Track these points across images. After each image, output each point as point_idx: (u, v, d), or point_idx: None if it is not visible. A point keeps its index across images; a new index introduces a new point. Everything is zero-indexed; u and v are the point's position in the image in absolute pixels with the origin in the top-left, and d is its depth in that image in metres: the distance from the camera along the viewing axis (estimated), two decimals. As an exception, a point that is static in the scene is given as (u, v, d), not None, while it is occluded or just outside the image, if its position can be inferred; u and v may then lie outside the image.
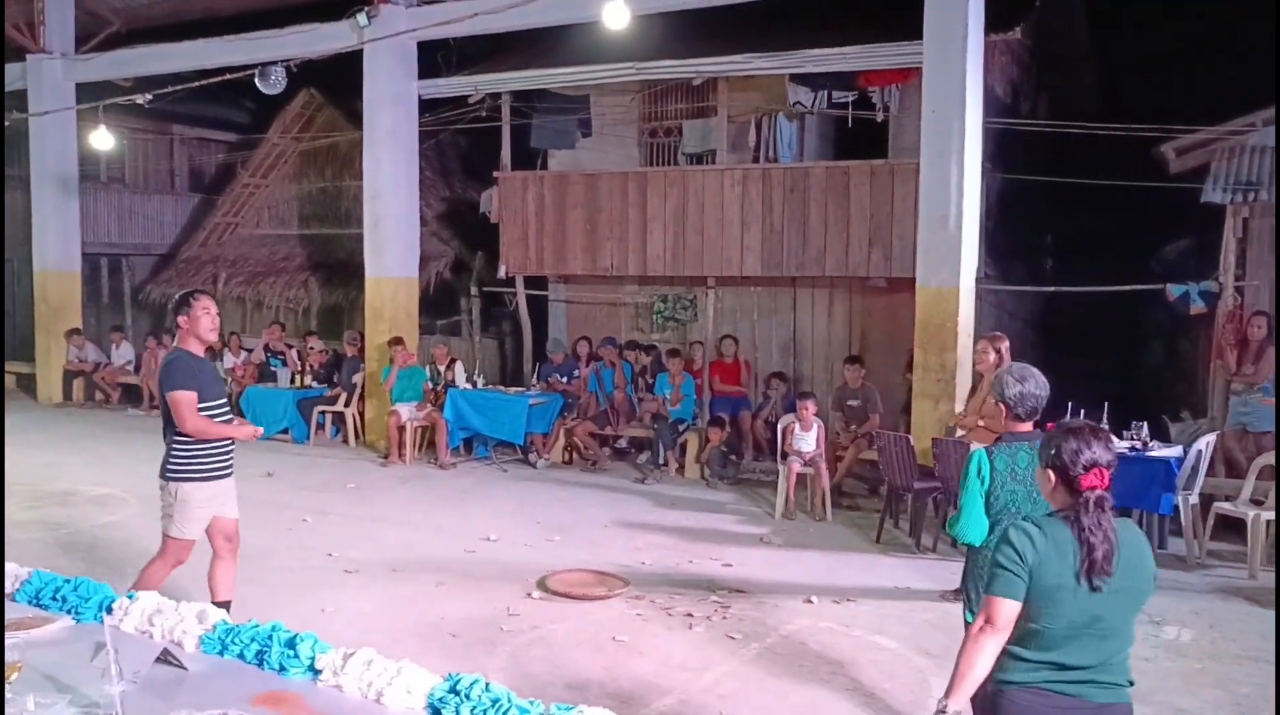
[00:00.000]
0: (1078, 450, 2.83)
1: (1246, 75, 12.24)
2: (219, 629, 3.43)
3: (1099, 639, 2.80)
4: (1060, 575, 2.75)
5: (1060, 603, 2.76)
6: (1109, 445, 2.87)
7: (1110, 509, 2.81)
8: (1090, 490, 2.80)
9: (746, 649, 5.83)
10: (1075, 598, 2.75)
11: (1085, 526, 2.75)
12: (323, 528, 8.55)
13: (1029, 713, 2.84)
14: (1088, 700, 2.82)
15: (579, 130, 13.34)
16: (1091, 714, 2.83)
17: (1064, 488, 2.86)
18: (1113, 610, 2.79)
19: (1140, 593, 2.86)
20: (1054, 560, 2.76)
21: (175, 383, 5.18)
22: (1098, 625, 2.78)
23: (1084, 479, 2.81)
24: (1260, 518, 7.52)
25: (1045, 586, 2.76)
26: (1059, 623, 2.77)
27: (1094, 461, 2.81)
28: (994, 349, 6.55)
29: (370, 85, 12.38)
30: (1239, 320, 9.64)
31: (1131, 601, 2.84)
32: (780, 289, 12.64)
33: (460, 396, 11.45)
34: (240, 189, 17.74)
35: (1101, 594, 2.75)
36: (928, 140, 9.43)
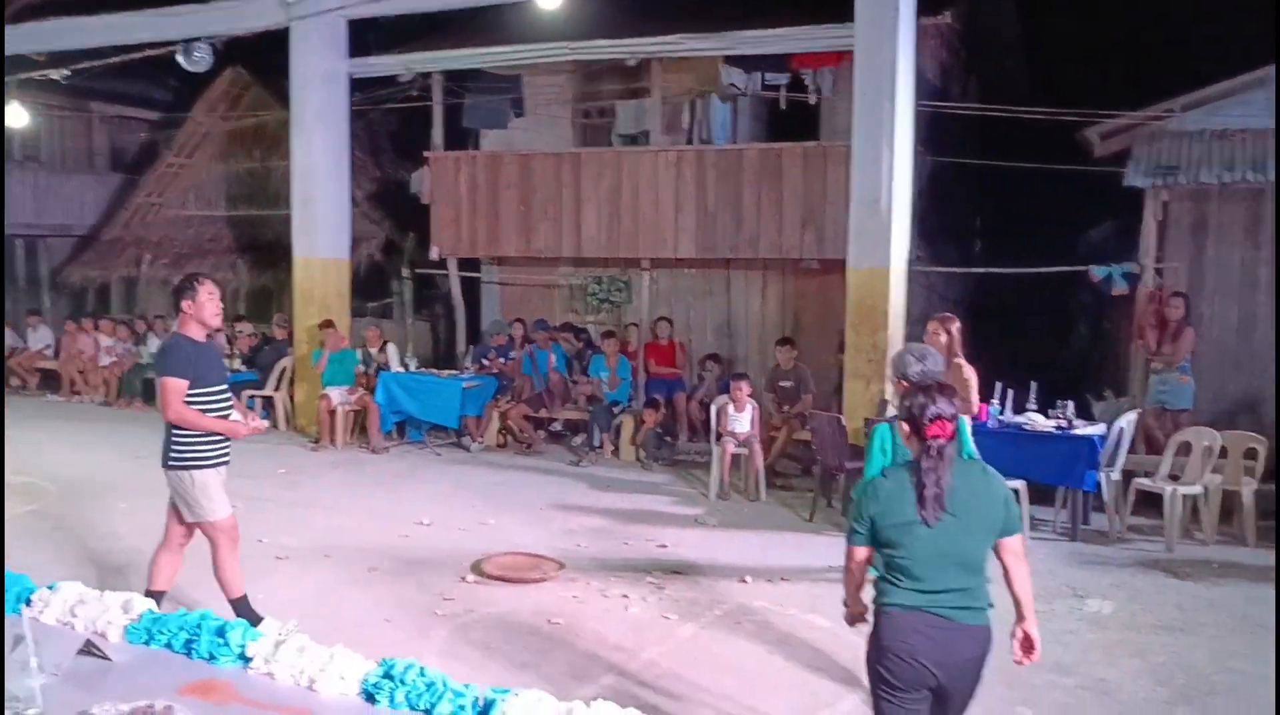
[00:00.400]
0: (925, 405, 3.28)
1: (1167, 61, 12.53)
2: (145, 618, 3.36)
3: (954, 567, 3.23)
4: (904, 515, 3.22)
5: (912, 537, 3.22)
6: (952, 401, 3.32)
7: (949, 455, 3.24)
8: (934, 438, 3.24)
9: (682, 629, 5.86)
10: (920, 532, 3.20)
11: (922, 472, 3.21)
12: (253, 514, 8.36)
13: (904, 630, 3.26)
14: (954, 621, 3.24)
15: (512, 110, 13.21)
16: (957, 633, 3.25)
17: (915, 437, 3.30)
18: (960, 542, 3.22)
19: (986, 526, 3.26)
20: (897, 504, 3.24)
21: (167, 368, 5.11)
22: (949, 555, 3.22)
23: (929, 429, 3.25)
24: (1177, 493, 7.75)
25: (895, 525, 3.24)
26: (914, 554, 3.22)
27: (938, 414, 3.25)
28: (945, 330, 6.62)
29: (298, 64, 12.13)
30: (1159, 301, 9.91)
31: (979, 534, 3.25)
32: (714, 271, 12.68)
33: (392, 380, 11.32)
34: (164, 169, 17.27)
35: (943, 527, 3.18)
36: (859, 123, 9.51)
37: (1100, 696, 5.03)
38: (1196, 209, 10.15)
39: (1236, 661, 5.51)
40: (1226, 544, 7.87)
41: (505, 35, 12.39)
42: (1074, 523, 8.00)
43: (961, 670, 3.28)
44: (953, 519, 3.19)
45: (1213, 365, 10.01)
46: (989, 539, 3.28)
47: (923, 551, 3.22)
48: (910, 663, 3.24)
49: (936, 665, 3.23)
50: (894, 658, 3.27)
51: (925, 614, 3.24)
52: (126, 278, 16.95)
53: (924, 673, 3.24)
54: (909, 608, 3.25)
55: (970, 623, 3.26)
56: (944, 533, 3.19)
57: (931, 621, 3.23)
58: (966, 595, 3.25)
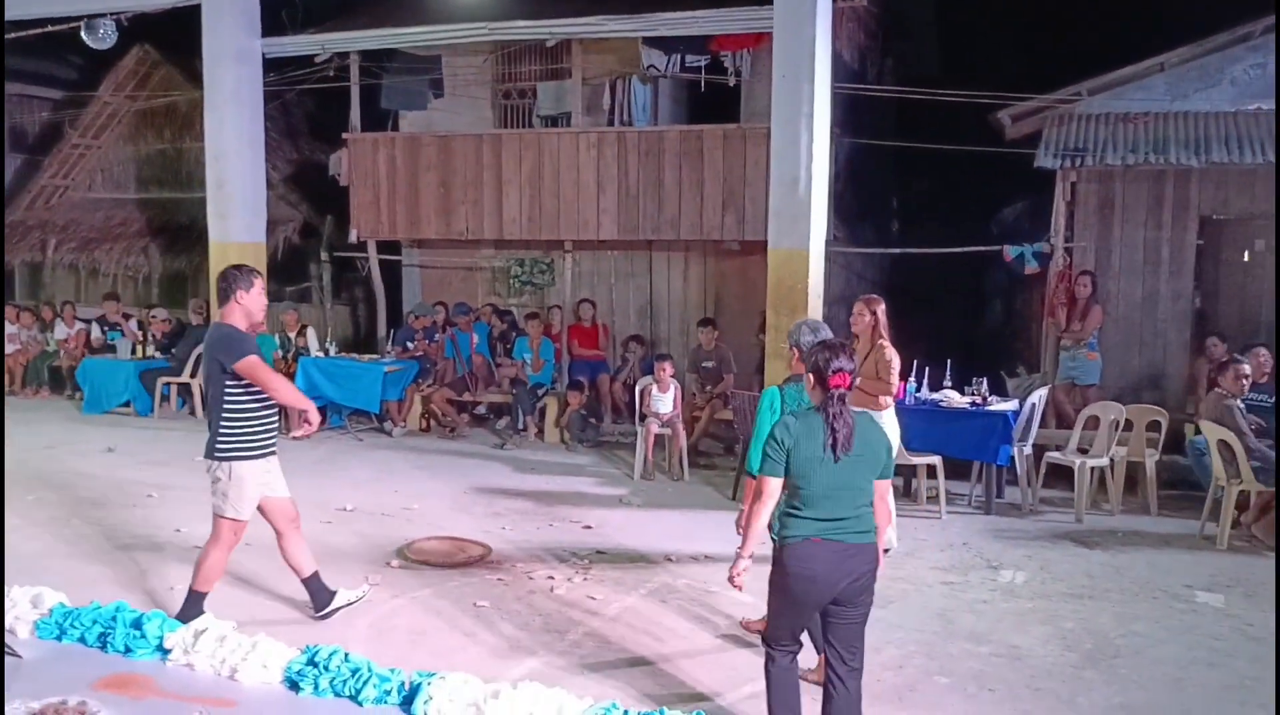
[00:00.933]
0: (829, 359, 3.83)
1: (1074, 46, 12.85)
2: (55, 613, 3.30)
3: (848, 496, 3.82)
4: (813, 451, 3.77)
5: (815, 471, 3.78)
6: (851, 357, 3.88)
7: (849, 402, 3.83)
8: (836, 388, 3.79)
9: (608, 609, 5.91)
10: (825, 467, 3.77)
11: (831, 415, 3.76)
12: (169, 503, 8.23)
13: (805, 555, 3.81)
14: (846, 542, 3.81)
15: (431, 91, 13.06)
16: (850, 553, 3.82)
17: (819, 387, 3.84)
18: (854, 475, 3.82)
19: (874, 461, 3.87)
20: (806, 441, 3.78)
21: (244, 351, 5.12)
22: (846, 486, 3.81)
23: (833, 380, 3.79)
24: (1085, 465, 8.02)
25: (803, 460, 3.77)
26: (817, 486, 3.79)
27: (840, 368, 3.80)
28: (870, 311, 6.77)
29: (210, 42, 11.80)
30: (1068, 279, 10.20)
31: (868, 467, 3.86)
32: (637, 252, 12.71)
33: (312, 365, 11.16)
34: (69, 150, 16.70)
35: (844, 463, 3.77)
36: (778, 105, 9.58)
37: (1013, 662, 5.21)
38: (1103, 190, 10.46)
39: (1139, 625, 5.75)
40: (1131, 513, 8.18)
41: (424, 15, 12.23)
42: (988, 496, 8.23)
43: (856, 582, 3.84)
44: (851, 457, 3.77)
45: (1118, 342, 10.36)
46: (874, 476, 3.89)
47: (826, 483, 3.78)
48: (815, 584, 3.80)
49: (837, 582, 3.80)
50: (802, 581, 3.81)
51: (825, 540, 3.78)
52: (30, 263, 16.40)
53: (826, 590, 3.82)
54: (810, 537, 3.80)
55: (861, 542, 3.84)
56: (845, 467, 3.78)
57: (831, 546, 3.79)
58: (858, 521, 3.84)
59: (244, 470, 5.28)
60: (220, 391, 5.22)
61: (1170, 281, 10.34)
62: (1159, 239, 10.34)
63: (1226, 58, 10.51)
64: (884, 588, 6.30)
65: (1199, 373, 9.63)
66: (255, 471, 5.32)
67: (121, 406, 12.24)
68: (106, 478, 9.08)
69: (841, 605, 3.87)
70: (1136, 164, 10.08)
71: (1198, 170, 10.01)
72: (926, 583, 6.47)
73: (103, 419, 11.96)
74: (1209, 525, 7.51)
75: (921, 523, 7.87)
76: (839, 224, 11.51)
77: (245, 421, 5.26)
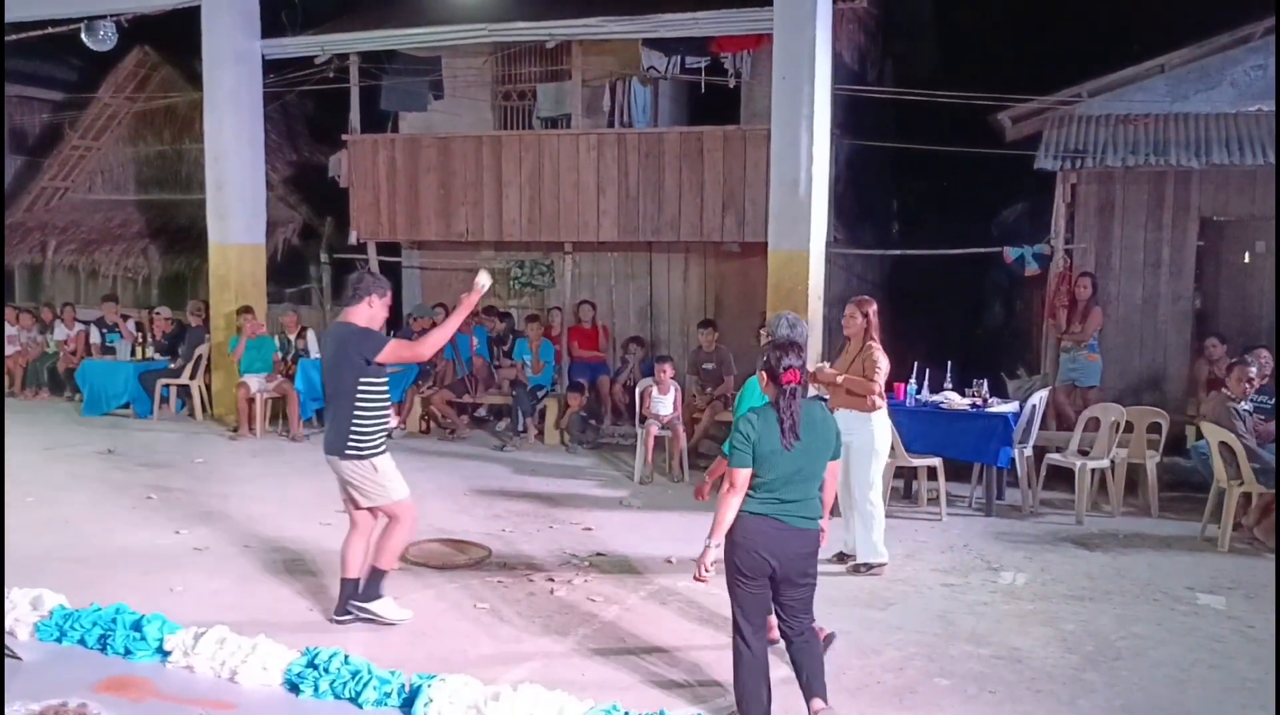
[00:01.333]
0: (780, 357, 4.23)
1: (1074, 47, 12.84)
2: (55, 615, 3.30)
3: (801, 482, 4.27)
4: (772, 443, 4.20)
5: (773, 460, 4.21)
6: (801, 355, 4.29)
7: (799, 396, 4.23)
8: (788, 383, 4.20)
9: (608, 611, 5.90)
10: (782, 456, 4.20)
11: (782, 408, 4.20)
12: (169, 505, 8.23)
13: (758, 530, 4.25)
14: (793, 526, 4.27)
15: (431, 93, 13.06)
16: (790, 534, 4.27)
17: (773, 383, 4.26)
18: (807, 462, 4.27)
19: (825, 449, 4.34)
20: (766, 434, 4.21)
21: (381, 340, 5.39)
22: (800, 473, 4.26)
23: (784, 376, 4.20)
24: (1086, 467, 8.01)
25: (764, 451, 4.21)
26: (774, 473, 4.23)
27: (790, 365, 4.21)
28: (861, 313, 6.74)
29: (210, 44, 11.83)
30: (1068, 281, 10.20)
31: (820, 455, 4.32)
32: (637, 254, 12.71)
33: (312, 366, 11.15)
34: (69, 151, 16.70)
35: (797, 452, 4.21)
36: (778, 106, 9.60)
37: (1014, 664, 5.20)
38: (1103, 191, 10.45)
39: (1140, 627, 5.74)
40: (1132, 515, 8.17)
41: (424, 16, 12.24)
42: (989, 498, 8.22)
43: (792, 561, 4.29)
44: (802, 445, 4.22)
45: (1119, 343, 10.36)
46: (824, 461, 4.35)
47: (782, 470, 4.22)
48: (754, 554, 4.25)
49: (772, 556, 4.25)
50: (744, 551, 4.26)
51: (770, 519, 4.24)
52: (30, 265, 16.39)
53: (763, 562, 4.25)
54: (759, 514, 4.25)
55: (803, 527, 4.29)
56: (797, 455, 4.22)
57: (773, 524, 4.25)
58: (804, 506, 4.29)
59: (384, 461, 5.56)
60: (354, 388, 5.35)
61: (1170, 283, 10.34)
62: (1159, 240, 10.34)
63: (1227, 59, 10.50)
64: (884, 589, 6.32)
65: (1199, 374, 9.63)
66: (388, 460, 5.60)
67: (121, 408, 12.24)
68: (106, 479, 9.07)
69: (786, 583, 4.32)
70: (1137, 165, 10.08)
71: (1198, 172, 10.00)
72: (927, 584, 6.46)
73: (102, 420, 11.95)
74: (1210, 527, 7.50)
75: (922, 524, 7.86)
76: (839, 225, 11.51)
77: (376, 418, 5.48)
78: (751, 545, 4.25)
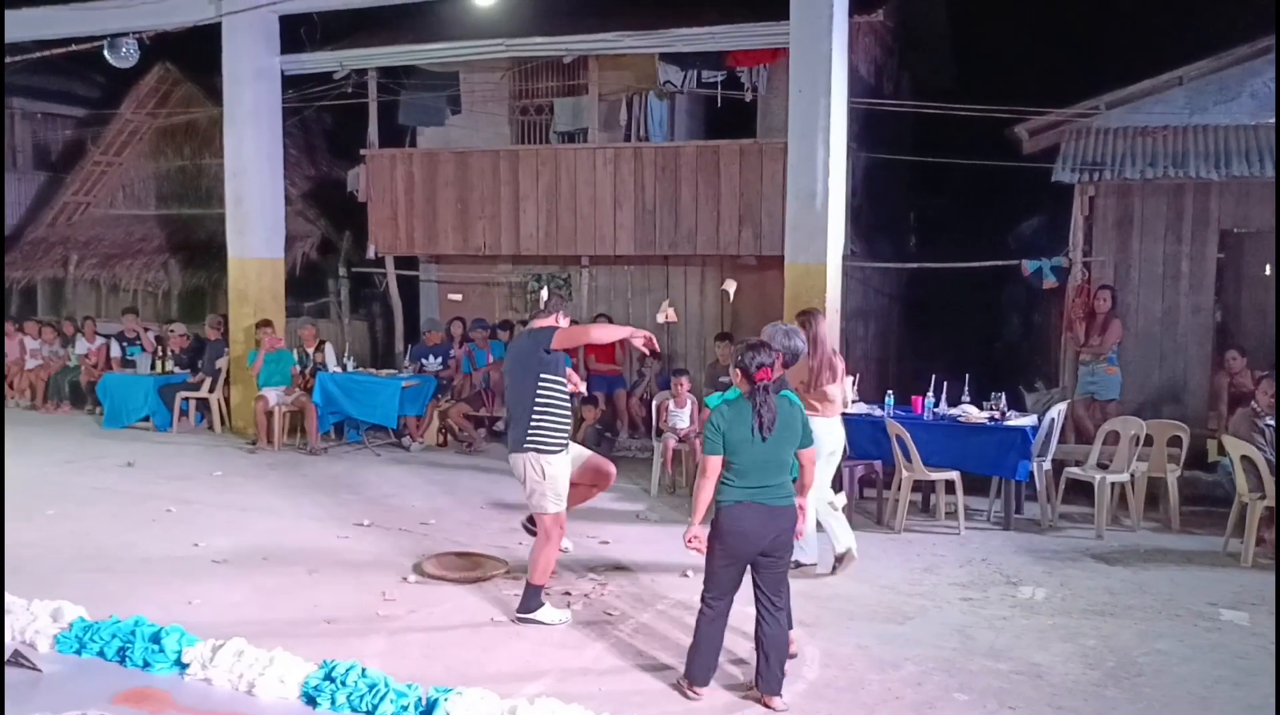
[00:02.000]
0: (753, 356, 4.70)
1: (1092, 60, 12.80)
2: (76, 627, 3.31)
3: (773, 468, 4.73)
4: (743, 433, 4.67)
5: (746, 450, 4.67)
6: (771, 354, 4.75)
7: (772, 391, 4.69)
8: (761, 380, 4.67)
9: (624, 625, 5.89)
10: (753, 445, 4.67)
11: (757, 403, 4.67)
12: (188, 517, 8.27)
13: (740, 515, 4.69)
14: (770, 505, 4.72)
15: (448, 107, 13.14)
16: (773, 513, 4.72)
17: (746, 380, 4.72)
18: (777, 450, 4.73)
19: (793, 438, 4.78)
20: (737, 425, 4.68)
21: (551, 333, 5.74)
22: (770, 460, 4.71)
23: (757, 374, 4.67)
24: (1106, 481, 7.95)
25: (735, 440, 4.68)
26: (746, 461, 4.69)
27: (762, 363, 4.68)
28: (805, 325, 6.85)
29: (230, 60, 11.94)
30: (1086, 294, 10.15)
31: (788, 446, 4.77)
32: (653, 267, 12.72)
33: (330, 380, 11.20)
34: (91, 167, 16.86)
35: (769, 442, 4.67)
36: (795, 120, 9.60)
37: (1033, 680, 5.16)
38: (1121, 204, 10.40)
39: (1162, 643, 5.68)
40: (1153, 530, 8.10)
41: (441, 32, 12.32)
42: (1007, 512, 8.17)
43: (777, 536, 4.74)
44: (774, 436, 4.66)
45: (1138, 356, 10.29)
46: (793, 449, 4.81)
47: (753, 458, 4.67)
48: (744, 537, 4.69)
49: (760, 536, 4.70)
50: (733, 536, 4.70)
51: (752, 504, 4.68)
52: (52, 279, 16.53)
53: (755, 543, 4.70)
54: (741, 501, 4.69)
55: (781, 505, 4.75)
56: (770, 445, 4.67)
57: (756, 507, 4.69)
58: (779, 488, 4.75)
59: (556, 467, 5.72)
60: (535, 386, 5.67)
61: (1190, 295, 10.27)
62: (1179, 253, 10.27)
63: (1246, 71, 10.44)
64: (902, 604, 6.29)
65: (1220, 387, 9.55)
66: (562, 465, 5.78)
67: (141, 421, 12.31)
68: (126, 492, 9.13)
69: (768, 556, 4.74)
70: (1156, 178, 10.03)
71: (1218, 184, 9.95)
72: (945, 599, 6.42)
73: (122, 433, 12.03)
74: (1233, 542, 7.42)
75: (940, 538, 7.82)
76: (856, 238, 11.49)
77: (555, 415, 5.72)
78: (739, 530, 4.68)
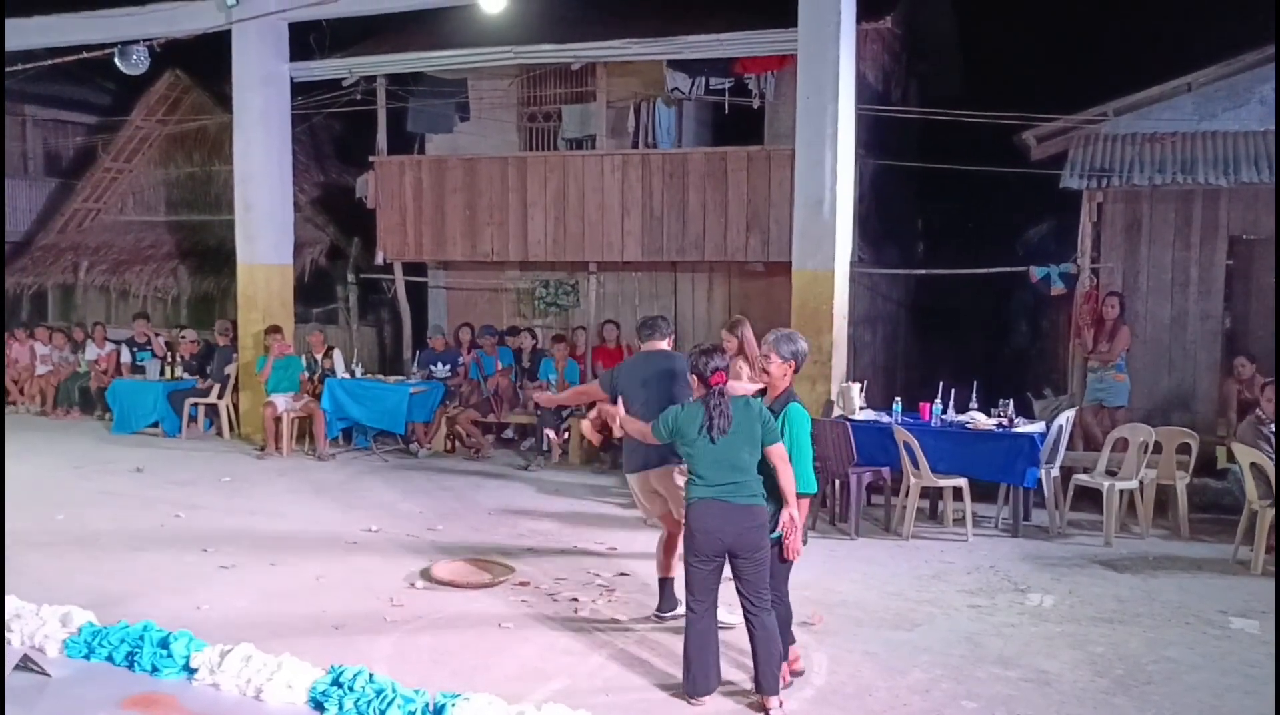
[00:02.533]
0: (707, 361, 4.85)
1: (1100, 66, 12.78)
2: (84, 631, 3.33)
3: (729, 468, 4.79)
4: (695, 433, 4.81)
5: (699, 448, 4.81)
6: (724, 357, 4.99)
7: (727, 393, 4.83)
8: (717, 384, 4.82)
9: (632, 630, 5.89)
10: (707, 446, 4.79)
11: (710, 406, 4.80)
12: (196, 523, 8.29)
13: (706, 512, 4.80)
14: (731, 502, 4.78)
15: (457, 114, 13.18)
16: (734, 510, 4.77)
17: (703, 384, 4.86)
18: (733, 449, 4.79)
19: (749, 440, 4.80)
20: (688, 425, 4.84)
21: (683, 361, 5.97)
22: (725, 459, 4.78)
23: (713, 378, 4.82)
24: (1114, 488, 7.93)
25: (688, 439, 4.84)
26: (703, 460, 4.82)
27: (717, 367, 4.84)
28: (733, 337, 6.92)
29: (239, 67, 11.99)
30: (1095, 300, 10.12)
31: (744, 445, 4.81)
32: (661, 274, 12.74)
33: (338, 386, 11.23)
34: (102, 173, 16.95)
35: (722, 442, 4.77)
36: (803, 126, 9.61)
37: (1042, 687, 5.14)
38: (1130, 210, 10.39)
39: (1171, 650, 5.66)
40: (1162, 537, 8.07)
41: (450, 39, 12.36)
42: (1015, 519, 8.15)
43: (741, 534, 4.77)
44: (728, 437, 4.76)
45: (1147, 363, 10.27)
46: (753, 448, 4.82)
47: (709, 458, 4.80)
48: (708, 534, 4.78)
49: (723, 533, 4.77)
50: (699, 533, 4.81)
51: (714, 501, 4.79)
52: (63, 285, 16.61)
53: (717, 540, 4.78)
54: (704, 498, 4.81)
55: (743, 503, 4.78)
56: (722, 445, 4.77)
57: (718, 505, 4.79)
58: (740, 486, 4.79)
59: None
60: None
61: (1199, 302, 10.25)
62: (1187, 259, 10.25)
63: (1255, 77, 10.42)
64: (910, 610, 6.27)
65: (1229, 394, 9.52)
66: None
67: (150, 427, 12.35)
68: (135, 497, 9.16)
69: (739, 556, 4.79)
70: (1164, 184, 10.01)
71: (1227, 190, 9.93)
72: (953, 606, 6.41)
73: (131, 439, 12.07)
74: (1243, 550, 7.39)
75: (948, 545, 7.81)
76: (863, 245, 11.49)
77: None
78: (704, 527, 4.79)
